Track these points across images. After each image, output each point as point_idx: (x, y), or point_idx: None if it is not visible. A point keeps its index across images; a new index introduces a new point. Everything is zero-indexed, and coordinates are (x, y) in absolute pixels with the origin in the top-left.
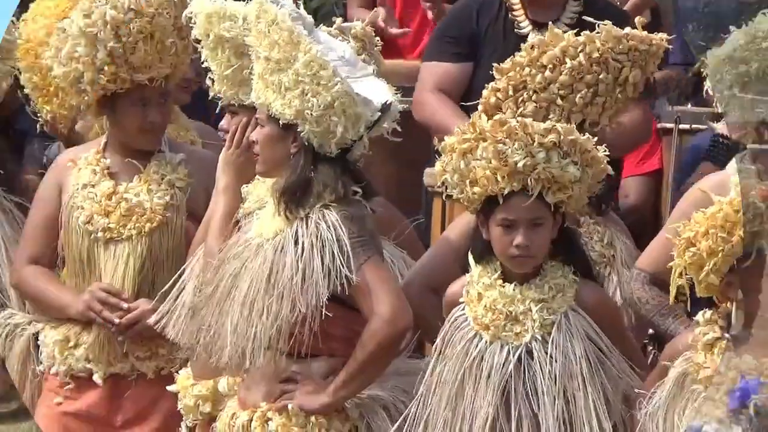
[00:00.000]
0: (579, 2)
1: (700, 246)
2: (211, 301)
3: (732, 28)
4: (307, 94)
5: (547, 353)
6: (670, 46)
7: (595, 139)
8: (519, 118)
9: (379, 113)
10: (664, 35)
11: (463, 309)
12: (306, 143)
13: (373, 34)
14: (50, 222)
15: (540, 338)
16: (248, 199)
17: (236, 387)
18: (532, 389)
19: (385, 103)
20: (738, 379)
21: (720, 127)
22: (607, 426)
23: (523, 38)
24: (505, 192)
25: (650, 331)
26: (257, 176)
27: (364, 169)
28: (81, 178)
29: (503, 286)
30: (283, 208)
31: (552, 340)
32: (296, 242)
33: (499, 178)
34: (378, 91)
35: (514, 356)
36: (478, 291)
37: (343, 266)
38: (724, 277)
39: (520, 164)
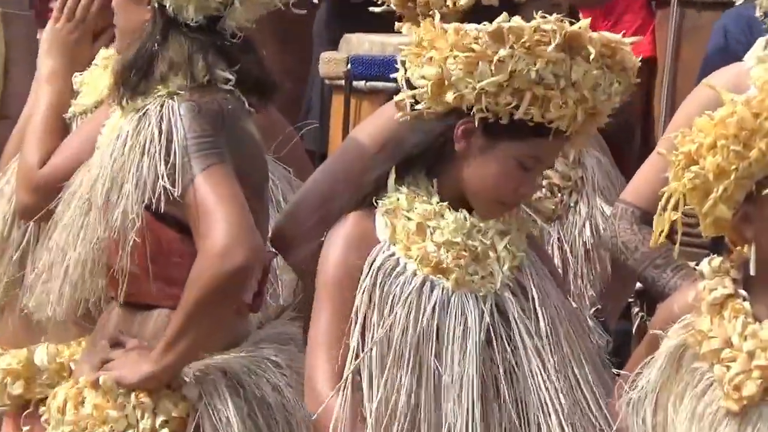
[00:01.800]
0: None
1: (706, 164)
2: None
3: None
4: None
5: (527, 302)
6: None
7: None
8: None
9: None
10: None
11: (390, 248)
12: (158, 5)
13: None
14: None
15: (511, 284)
16: (82, 93)
17: (59, 358)
18: (512, 344)
19: None
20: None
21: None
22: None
23: None
24: (565, 126)
25: (638, 285)
26: (97, 60)
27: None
28: None
29: (453, 213)
30: (118, 96)
31: (528, 286)
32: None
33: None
34: None
35: (485, 310)
36: (417, 221)
37: (162, 174)
38: (738, 208)
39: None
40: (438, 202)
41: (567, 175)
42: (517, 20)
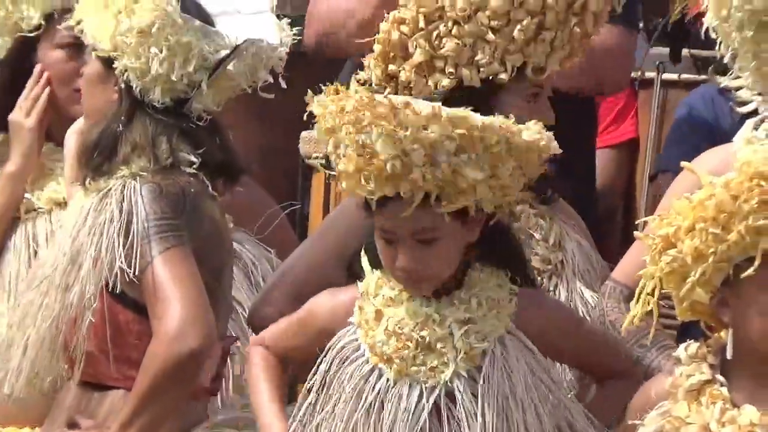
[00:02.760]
0: None
1: (683, 247)
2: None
3: None
4: (120, 16)
5: (476, 396)
6: None
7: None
8: (396, 98)
9: (228, 53)
10: None
11: (355, 332)
12: (124, 85)
13: None
14: None
15: (466, 375)
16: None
17: None
18: None
19: (244, 41)
20: None
21: (726, 82)
22: None
23: None
24: (375, 197)
25: None
26: None
27: (234, 138)
28: None
29: (412, 301)
30: (81, 176)
31: (484, 378)
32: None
33: (363, 180)
34: (261, 32)
35: (428, 401)
36: (377, 307)
37: (119, 256)
38: (715, 292)
39: (388, 166)
40: (400, 289)
41: (547, 259)
42: None
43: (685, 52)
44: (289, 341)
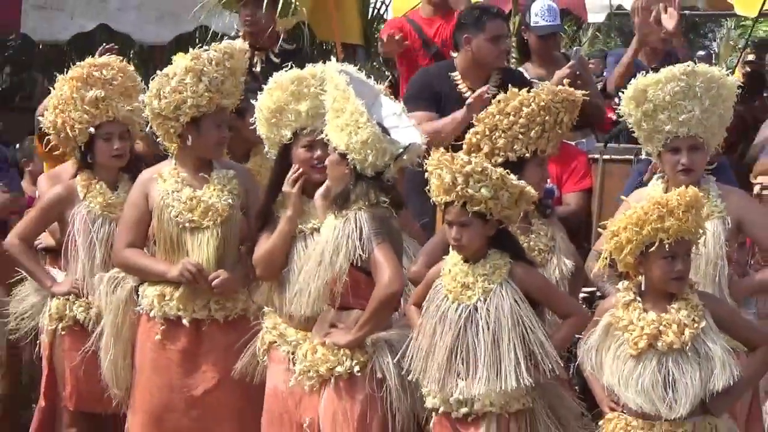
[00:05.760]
0: (499, 74)
1: (621, 236)
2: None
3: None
4: (351, 134)
5: (486, 310)
6: (587, 98)
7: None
8: (450, 154)
9: (402, 150)
10: (582, 91)
11: (441, 280)
12: (353, 167)
13: None
14: (141, 219)
15: (483, 300)
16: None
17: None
18: (475, 334)
19: (409, 144)
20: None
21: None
22: (522, 359)
23: (465, 99)
24: (442, 201)
25: (581, 295)
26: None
27: (398, 188)
28: (167, 186)
29: (462, 264)
30: (332, 210)
31: (490, 301)
32: (335, 231)
33: (436, 192)
34: (411, 137)
35: (465, 311)
36: (449, 267)
37: (357, 247)
38: (636, 258)
39: (447, 182)
40: (458, 259)
41: (547, 245)
42: None
43: (615, 144)
44: (422, 295)
